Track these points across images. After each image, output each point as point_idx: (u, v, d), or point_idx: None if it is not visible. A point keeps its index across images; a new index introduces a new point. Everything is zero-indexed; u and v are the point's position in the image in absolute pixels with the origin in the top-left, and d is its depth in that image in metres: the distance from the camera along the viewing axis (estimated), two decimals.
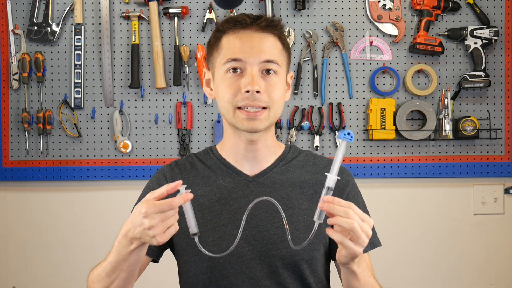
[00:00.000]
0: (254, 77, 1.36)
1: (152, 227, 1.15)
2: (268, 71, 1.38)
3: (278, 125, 2.60)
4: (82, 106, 2.64)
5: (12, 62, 2.62)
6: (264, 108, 1.37)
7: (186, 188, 1.20)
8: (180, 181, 1.19)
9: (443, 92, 2.65)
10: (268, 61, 1.38)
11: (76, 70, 2.64)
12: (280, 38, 1.41)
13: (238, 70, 1.38)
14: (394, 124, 2.63)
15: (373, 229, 1.47)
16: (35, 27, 2.62)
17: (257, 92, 1.35)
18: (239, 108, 1.37)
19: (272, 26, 1.40)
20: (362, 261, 1.28)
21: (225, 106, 1.39)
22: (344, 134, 1.19)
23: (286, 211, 1.39)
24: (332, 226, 1.20)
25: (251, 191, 1.43)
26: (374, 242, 1.47)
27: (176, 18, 2.62)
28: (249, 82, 1.35)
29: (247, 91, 1.35)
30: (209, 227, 1.40)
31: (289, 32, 2.63)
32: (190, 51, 2.62)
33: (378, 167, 2.66)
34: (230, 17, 1.43)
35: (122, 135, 2.64)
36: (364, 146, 2.67)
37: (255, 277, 1.38)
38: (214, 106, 2.65)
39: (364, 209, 1.48)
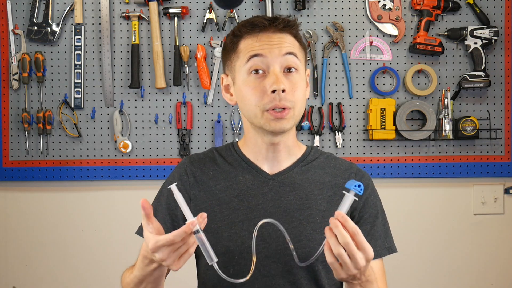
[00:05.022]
0: (278, 75, 1.35)
1: (163, 260, 1.15)
2: (289, 69, 1.37)
3: None
4: (82, 106, 2.64)
5: (12, 62, 2.62)
6: (289, 108, 1.37)
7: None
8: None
9: (443, 92, 2.65)
10: (289, 53, 1.37)
11: (76, 70, 2.64)
12: (297, 37, 1.42)
13: (261, 71, 1.37)
14: (394, 124, 2.63)
15: (390, 234, 1.48)
16: (35, 27, 2.62)
17: (283, 91, 1.34)
18: (267, 110, 1.37)
19: (290, 26, 1.40)
20: (368, 283, 1.25)
21: (252, 110, 1.38)
22: (355, 186, 1.17)
23: (304, 211, 1.40)
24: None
25: (270, 189, 1.42)
26: (391, 247, 1.47)
27: (176, 18, 2.62)
28: (274, 81, 1.34)
29: (273, 91, 1.34)
30: (226, 222, 1.40)
31: None
32: (190, 51, 2.62)
33: (378, 167, 2.66)
34: (246, 21, 1.41)
35: (122, 135, 2.64)
36: (364, 146, 2.67)
37: (268, 275, 1.38)
38: (214, 106, 2.65)
39: (381, 213, 1.48)
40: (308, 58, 2.64)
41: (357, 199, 1.19)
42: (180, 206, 1.17)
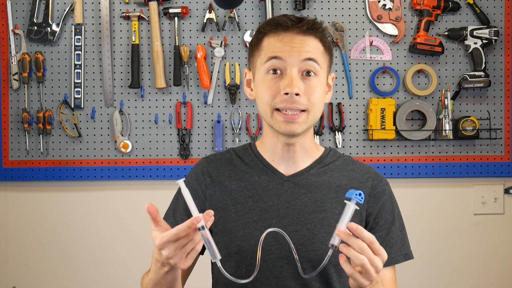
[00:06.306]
0: (293, 79, 1.35)
1: (170, 257, 1.14)
2: (308, 73, 1.37)
3: None
4: (82, 106, 2.65)
5: (12, 62, 2.62)
6: (303, 110, 1.36)
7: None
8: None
9: (443, 92, 2.65)
10: (309, 59, 1.36)
11: (76, 70, 2.64)
12: (322, 40, 1.40)
13: (278, 71, 1.37)
14: (394, 124, 2.63)
15: (407, 241, 1.48)
16: (35, 27, 2.62)
17: (296, 94, 1.34)
18: (277, 110, 1.37)
19: (314, 29, 1.38)
20: (377, 285, 1.25)
21: (264, 108, 1.39)
22: (356, 195, 1.17)
23: (319, 214, 1.40)
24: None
25: (285, 190, 1.42)
26: (408, 254, 1.47)
27: (176, 18, 2.62)
28: (288, 84, 1.34)
29: (286, 93, 1.34)
30: (240, 222, 1.40)
31: None
32: (190, 51, 2.62)
33: (378, 167, 2.66)
34: (271, 19, 1.42)
35: (122, 135, 2.64)
36: (364, 146, 2.67)
37: (280, 276, 1.38)
38: (214, 106, 2.65)
39: (398, 219, 1.48)
40: None
41: (358, 208, 1.19)
42: (186, 201, 1.17)
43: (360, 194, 1.17)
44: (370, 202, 1.45)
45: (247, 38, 2.62)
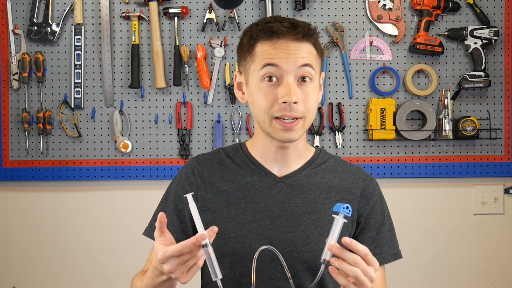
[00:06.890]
0: (291, 87, 1.33)
1: (171, 272, 1.14)
2: (303, 78, 1.36)
3: None
4: (82, 106, 2.65)
5: (12, 62, 2.62)
6: (299, 117, 1.36)
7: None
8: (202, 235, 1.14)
9: (443, 92, 2.65)
10: (305, 65, 1.35)
11: (76, 70, 2.64)
12: (315, 44, 1.40)
13: (274, 79, 1.35)
14: (394, 124, 2.63)
15: (396, 240, 1.49)
16: (35, 27, 2.62)
17: (295, 103, 1.33)
18: (276, 118, 1.36)
19: (309, 35, 1.38)
20: None
21: (261, 115, 1.37)
22: (343, 208, 1.18)
23: (312, 215, 1.40)
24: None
25: (278, 191, 1.42)
26: (397, 253, 1.47)
27: (176, 18, 2.62)
28: (287, 93, 1.33)
29: (284, 102, 1.33)
30: (234, 223, 1.39)
31: None
32: (190, 51, 2.62)
33: (378, 167, 2.66)
34: (264, 23, 1.39)
35: (122, 135, 2.64)
36: (364, 146, 2.67)
37: (274, 277, 1.37)
38: (214, 106, 2.66)
39: (388, 219, 1.49)
40: None
41: (346, 221, 1.20)
42: (193, 217, 1.17)
43: (347, 207, 1.18)
44: (362, 202, 1.45)
45: None
